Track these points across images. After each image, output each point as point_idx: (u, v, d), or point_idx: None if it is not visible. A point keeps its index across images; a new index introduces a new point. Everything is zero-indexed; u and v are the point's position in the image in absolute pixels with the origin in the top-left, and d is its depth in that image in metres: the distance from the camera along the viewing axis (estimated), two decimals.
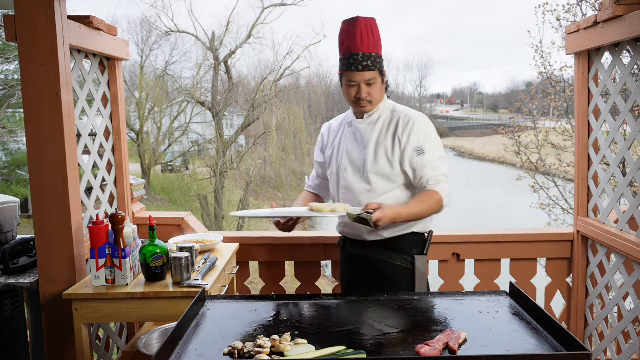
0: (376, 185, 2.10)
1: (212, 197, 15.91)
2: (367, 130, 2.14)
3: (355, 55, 2.02)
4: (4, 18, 2.12)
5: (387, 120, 2.13)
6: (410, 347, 1.37)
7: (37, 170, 2.14)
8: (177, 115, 19.44)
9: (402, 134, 2.08)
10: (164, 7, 18.80)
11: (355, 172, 2.14)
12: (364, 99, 2.06)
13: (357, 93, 2.06)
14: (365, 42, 2.02)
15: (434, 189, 2.05)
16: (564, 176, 8.29)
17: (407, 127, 2.08)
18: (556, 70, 7.96)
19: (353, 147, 2.17)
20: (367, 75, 2.03)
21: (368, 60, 2.02)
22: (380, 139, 2.11)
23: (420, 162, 2.06)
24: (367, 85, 2.05)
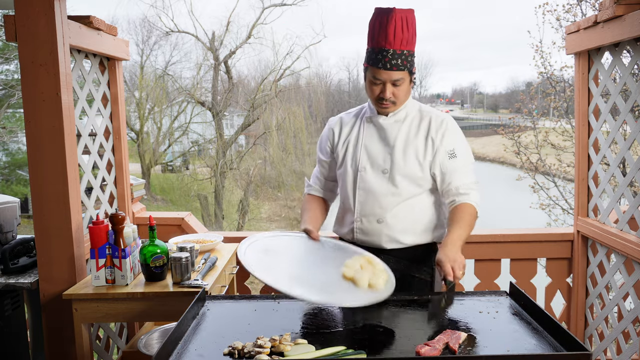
0: (402, 189, 1.93)
1: (212, 197, 15.92)
2: (394, 128, 1.95)
3: (384, 51, 1.82)
4: (4, 18, 2.12)
5: (417, 120, 1.97)
6: (410, 347, 1.37)
7: (37, 170, 2.14)
8: (177, 115, 19.45)
9: (435, 134, 1.92)
10: (164, 7, 18.78)
11: (378, 172, 1.95)
12: (387, 99, 1.88)
13: (381, 92, 1.88)
14: (398, 38, 1.81)
15: (467, 201, 1.91)
16: (564, 176, 8.29)
17: (440, 127, 1.93)
18: (556, 70, 7.97)
19: (375, 146, 1.97)
20: (395, 75, 1.84)
21: (398, 59, 1.82)
22: (410, 139, 1.94)
23: (451, 166, 1.92)
24: (393, 85, 1.86)
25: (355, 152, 2.00)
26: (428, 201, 1.99)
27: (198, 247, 2.35)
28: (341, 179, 2.04)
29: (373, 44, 1.86)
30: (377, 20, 1.85)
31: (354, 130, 2.04)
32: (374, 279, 1.53)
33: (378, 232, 1.95)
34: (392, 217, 1.94)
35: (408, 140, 1.94)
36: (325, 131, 2.13)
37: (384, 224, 1.94)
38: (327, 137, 2.11)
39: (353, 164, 1.99)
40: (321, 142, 2.14)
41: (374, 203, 1.94)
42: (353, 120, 2.07)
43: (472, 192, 1.93)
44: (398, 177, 1.92)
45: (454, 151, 1.93)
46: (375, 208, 1.94)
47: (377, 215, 1.94)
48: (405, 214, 1.95)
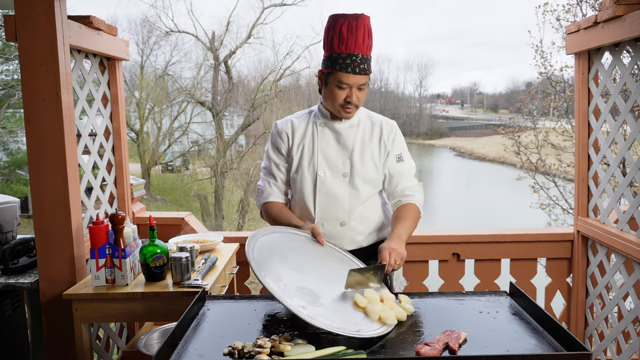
0: (362, 191, 2.00)
1: (212, 197, 15.92)
2: (350, 133, 2.01)
3: (354, 56, 1.86)
4: (4, 18, 2.12)
5: (369, 125, 2.05)
6: (410, 347, 1.37)
7: (37, 170, 2.14)
8: (177, 115, 19.46)
9: (387, 139, 2.02)
10: (164, 7, 18.86)
11: (337, 176, 1.99)
12: (353, 103, 1.92)
13: (348, 97, 1.90)
14: (365, 43, 1.88)
15: (411, 201, 2.01)
16: (564, 176, 8.30)
17: (391, 133, 2.03)
18: (556, 70, 7.97)
19: (332, 150, 2.01)
20: (362, 79, 1.89)
21: (365, 64, 1.88)
22: (365, 143, 2.02)
23: (399, 169, 2.03)
24: (358, 89, 1.91)
25: (312, 156, 2.01)
26: (379, 202, 2.09)
27: (198, 247, 2.35)
28: (297, 183, 2.03)
29: (341, 49, 1.87)
30: (343, 26, 1.86)
31: (307, 134, 2.04)
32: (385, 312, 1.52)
33: (340, 235, 2.01)
34: (354, 220, 2.01)
35: (364, 145, 2.02)
36: (275, 134, 2.08)
37: (346, 227, 2.01)
38: (280, 140, 2.06)
39: (310, 169, 2.01)
40: (275, 146, 2.08)
41: (336, 207, 1.99)
42: (304, 124, 2.06)
43: (417, 194, 2.04)
44: (358, 180, 1.99)
45: (401, 155, 2.05)
46: (337, 212, 2.00)
47: (339, 219, 2.00)
48: (364, 215, 2.03)
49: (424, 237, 2.84)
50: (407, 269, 2.87)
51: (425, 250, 2.82)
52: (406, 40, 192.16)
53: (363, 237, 2.04)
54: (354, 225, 2.02)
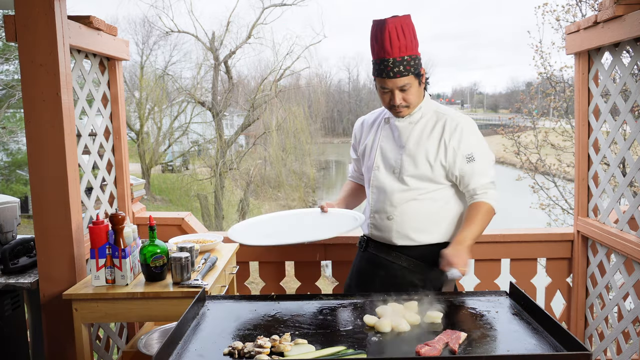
0: (413, 187, 1.99)
1: (212, 197, 15.92)
2: (407, 130, 2.02)
3: (385, 61, 1.89)
4: (4, 18, 2.12)
5: (431, 121, 2.01)
6: (410, 347, 1.37)
7: (37, 170, 2.14)
8: (177, 115, 19.45)
9: (449, 139, 1.96)
10: (164, 7, 18.83)
11: (389, 172, 2.03)
12: (398, 105, 1.95)
13: (391, 99, 1.95)
14: (395, 47, 1.88)
15: (482, 199, 1.97)
16: (564, 176, 8.30)
17: (455, 132, 1.96)
18: (556, 71, 7.97)
19: (389, 146, 2.06)
20: (400, 81, 1.91)
21: (400, 66, 1.88)
22: (422, 140, 1.99)
23: (469, 169, 1.97)
24: (401, 91, 1.93)
25: (372, 151, 2.11)
26: (449, 194, 2.04)
27: (198, 247, 2.35)
28: (364, 176, 2.19)
29: (374, 56, 1.95)
30: (373, 33, 1.94)
31: (372, 130, 2.16)
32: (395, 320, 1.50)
33: (388, 229, 2.03)
34: (401, 214, 2.01)
35: (420, 142, 2.00)
36: (353, 131, 2.31)
37: (393, 221, 2.02)
38: (353, 138, 2.30)
39: (369, 163, 2.11)
40: (353, 140, 2.32)
41: (385, 200, 2.03)
42: (373, 121, 2.18)
43: (489, 191, 2.00)
44: (407, 176, 2.00)
45: (472, 155, 1.98)
46: (385, 205, 2.03)
47: (387, 212, 2.03)
48: (415, 211, 2.00)
49: None
50: None
51: None
52: None
53: (416, 234, 2.00)
54: (403, 220, 2.00)
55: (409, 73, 1.91)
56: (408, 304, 1.61)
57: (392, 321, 1.49)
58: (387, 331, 1.47)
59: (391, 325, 1.48)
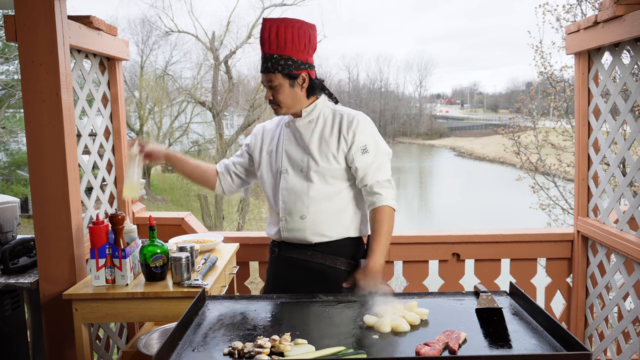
0: (322, 185, 2.03)
1: (212, 197, 15.91)
2: (308, 129, 2.06)
3: (262, 56, 2.02)
4: (4, 18, 2.12)
5: (330, 119, 2.06)
6: (410, 347, 1.37)
7: (37, 170, 2.14)
8: (177, 115, 19.45)
9: (347, 132, 2.01)
10: (164, 7, 18.88)
11: (297, 172, 2.05)
12: (269, 100, 2.04)
13: (266, 95, 2.05)
14: (272, 42, 1.97)
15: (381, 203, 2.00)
16: (564, 176, 8.30)
17: (351, 125, 2.02)
18: (556, 71, 7.97)
19: (293, 148, 2.08)
20: (266, 77, 2.01)
21: (269, 62, 1.98)
22: (324, 137, 2.04)
23: (364, 161, 2.01)
24: (269, 87, 2.01)
25: (277, 156, 2.12)
26: (350, 195, 2.09)
27: (198, 247, 2.35)
28: (265, 182, 2.16)
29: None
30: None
31: (274, 136, 2.16)
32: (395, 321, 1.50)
33: (302, 228, 2.04)
34: (314, 213, 2.04)
35: (322, 139, 2.04)
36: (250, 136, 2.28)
37: (306, 220, 2.04)
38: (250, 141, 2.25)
39: (275, 167, 2.11)
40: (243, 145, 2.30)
41: (296, 201, 2.05)
42: (274, 127, 2.20)
43: (385, 191, 2.02)
44: (315, 174, 2.03)
45: (365, 147, 2.02)
46: (297, 205, 2.04)
47: (299, 212, 2.04)
48: (326, 208, 2.05)
49: (424, 237, 2.84)
50: (406, 269, 2.87)
51: (425, 250, 2.82)
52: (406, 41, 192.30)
53: (329, 230, 2.05)
54: (315, 218, 2.03)
55: (275, 71, 1.97)
56: (408, 304, 1.61)
57: (392, 321, 1.49)
58: (387, 331, 1.47)
59: (391, 325, 1.48)
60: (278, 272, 2.16)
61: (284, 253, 2.13)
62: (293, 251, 2.10)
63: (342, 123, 2.04)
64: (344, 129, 2.03)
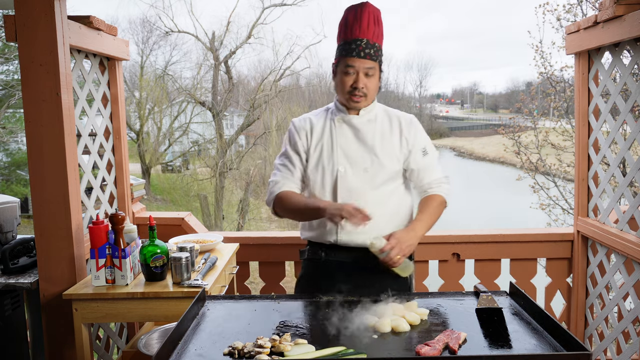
0: (384, 185, 1.97)
1: (212, 197, 15.91)
2: (369, 128, 1.99)
3: (358, 41, 1.87)
4: (4, 18, 2.12)
5: (386, 119, 2.03)
6: (410, 347, 1.37)
7: (37, 170, 2.14)
8: (177, 115, 19.44)
9: (408, 133, 2.00)
10: (164, 7, 18.81)
11: (359, 172, 1.96)
12: (360, 88, 1.90)
13: (355, 82, 1.89)
14: (371, 29, 1.88)
15: (436, 192, 2.01)
16: (564, 176, 8.30)
17: (411, 127, 2.02)
18: (556, 71, 7.97)
19: (352, 146, 1.98)
20: (368, 63, 1.88)
21: (371, 49, 1.88)
22: (386, 137, 1.99)
23: (424, 163, 2.02)
24: (365, 75, 1.89)
25: (331, 153, 1.99)
26: (402, 196, 2.06)
27: (198, 247, 2.35)
28: (317, 181, 1.99)
29: (346, 37, 1.91)
30: (350, 14, 1.92)
31: (325, 131, 2.02)
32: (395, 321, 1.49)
33: (364, 230, 1.91)
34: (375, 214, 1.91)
35: (384, 139, 2.00)
36: (293, 132, 2.05)
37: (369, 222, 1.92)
38: (298, 138, 2.04)
39: (330, 165, 1.98)
40: (292, 143, 2.05)
41: (358, 201, 1.91)
42: (322, 121, 2.05)
43: (443, 185, 2.04)
44: (380, 174, 1.97)
45: (425, 149, 2.04)
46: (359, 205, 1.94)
47: None
48: (386, 209, 1.99)
49: (424, 237, 2.83)
50: None
51: (425, 250, 2.82)
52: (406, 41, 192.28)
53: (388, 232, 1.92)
54: (377, 219, 1.91)
55: (376, 59, 1.90)
56: (408, 304, 1.61)
57: (392, 321, 1.49)
58: (387, 331, 1.47)
59: (391, 325, 1.48)
60: (325, 277, 1.97)
61: (334, 257, 1.99)
62: (347, 254, 1.97)
63: (402, 123, 2.02)
64: (405, 130, 2.01)
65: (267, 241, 2.90)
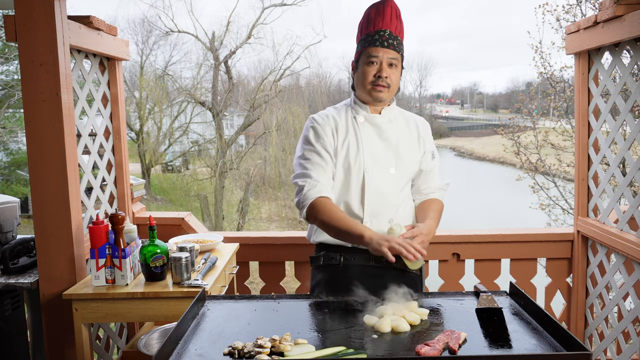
0: (404, 186, 1.99)
1: (212, 197, 15.90)
2: (391, 128, 1.97)
3: (382, 32, 1.86)
4: (4, 18, 2.12)
5: (404, 121, 2.03)
6: (410, 347, 1.37)
7: (37, 170, 2.14)
8: (177, 115, 19.44)
9: (425, 135, 2.03)
10: (164, 7, 18.78)
11: (383, 172, 1.92)
12: (384, 78, 1.85)
13: (378, 71, 1.86)
14: (394, 23, 1.89)
15: (438, 197, 2.06)
16: (564, 176, 8.30)
17: (426, 128, 2.05)
18: (556, 71, 7.98)
19: (377, 145, 1.94)
20: (392, 53, 1.86)
21: (395, 41, 1.88)
22: (406, 138, 1.99)
23: (431, 166, 2.05)
24: (389, 65, 1.87)
25: (357, 152, 1.93)
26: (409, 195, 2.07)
27: (198, 247, 2.35)
28: (342, 180, 1.94)
29: (369, 30, 1.90)
30: (372, 10, 1.93)
31: (349, 130, 1.96)
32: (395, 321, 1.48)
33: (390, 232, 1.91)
34: (400, 214, 1.99)
35: (405, 140, 2.00)
36: (319, 129, 1.95)
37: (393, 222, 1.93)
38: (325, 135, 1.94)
39: (356, 165, 1.91)
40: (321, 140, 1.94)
41: (384, 203, 1.94)
42: (344, 119, 1.98)
43: (442, 192, 2.09)
44: (404, 176, 1.98)
45: (434, 152, 2.07)
46: (385, 207, 1.94)
47: (388, 214, 1.96)
48: (407, 210, 2.03)
49: None
50: None
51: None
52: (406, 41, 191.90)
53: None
54: (401, 220, 1.94)
55: (399, 51, 1.90)
56: (408, 304, 1.61)
57: (392, 321, 1.49)
58: (387, 331, 1.47)
59: (391, 325, 1.48)
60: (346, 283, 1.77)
61: (355, 261, 1.91)
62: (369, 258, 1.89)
63: (419, 126, 2.04)
64: (422, 132, 2.03)
65: (267, 241, 2.90)
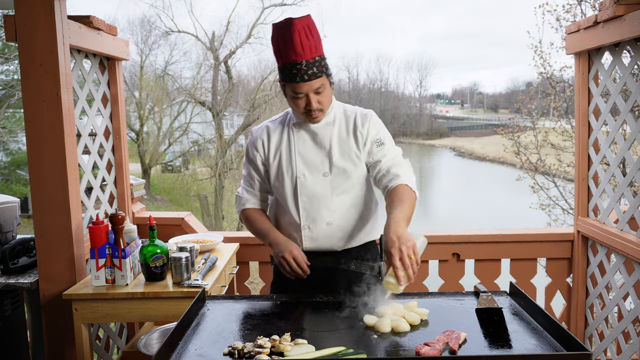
0: (346, 188, 1.93)
1: (212, 197, 15.91)
2: (326, 131, 1.94)
3: (297, 65, 1.77)
4: (4, 18, 2.12)
5: (343, 119, 1.97)
6: (410, 347, 1.37)
7: (37, 170, 2.14)
8: (177, 115, 19.45)
9: (362, 128, 1.93)
10: (164, 7, 18.86)
11: (317, 176, 1.92)
12: (315, 109, 1.84)
13: (307, 104, 1.83)
14: (306, 48, 1.77)
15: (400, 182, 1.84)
16: (564, 176, 8.31)
17: (365, 121, 1.94)
18: (556, 71, 7.98)
19: (309, 151, 1.94)
20: (315, 84, 1.80)
21: (313, 68, 1.78)
22: (343, 139, 1.94)
23: (380, 152, 1.92)
24: (316, 94, 1.82)
25: (290, 160, 1.95)
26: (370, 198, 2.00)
27: (198, 247, 2.35)
28: (279, 188, 1.97)
29: (284, 60, 1.81)
30: (279, 36, 1.80)
31: (283, 138, 1.98)
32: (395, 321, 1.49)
33: (329, 235, 1.93)
34: (339, 218, 1.93)
35: (342, 140, 1.94)
36: (251, 143, 2.02)
37: (333, 226, 1.93)
38: (255, 150, 2.00)
39: (290, 172, 1.94)
40: (251, 154, 2.02)
41: (320, 207, 1.92)
42: (280, 127, 2.00)
43: (404, 173, 1.87)
44: (339, 178, 1.92)
45: (380, 139, 1.93)
46: (321, 212, 1.92)
47: (325, 219, 1.92)
48: (351, 213, 1.95)
49: None
50: None
51: (425, 250, 2.82)
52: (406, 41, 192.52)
53: (357, 236, 1.96)
54: (342, 224, 1.94)
55: (322, 74, 1.81)
56: (408, 304, 1.61)
57: (392, 321, 1.49)
58: (387, 331, 1.47)
59: (391, 325, 1.48)
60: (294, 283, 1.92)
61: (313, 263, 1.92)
62: (314, 259, 1.93)
63: (357, 120, 1.95)
64: (359, 125, 1.94)
65: None
